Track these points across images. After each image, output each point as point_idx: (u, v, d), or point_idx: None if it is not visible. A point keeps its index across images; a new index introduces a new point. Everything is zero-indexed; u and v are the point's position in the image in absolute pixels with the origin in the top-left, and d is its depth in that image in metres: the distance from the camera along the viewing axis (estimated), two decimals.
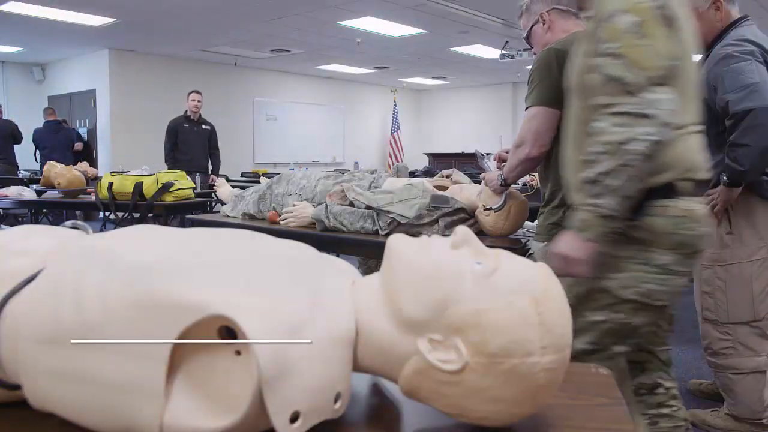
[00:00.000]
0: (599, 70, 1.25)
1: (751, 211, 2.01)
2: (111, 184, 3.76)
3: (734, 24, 2.04)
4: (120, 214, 3.82)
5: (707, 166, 1.36)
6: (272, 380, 0.52)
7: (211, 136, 6.75)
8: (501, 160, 2.22)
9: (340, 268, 0.70)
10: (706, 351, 2.16)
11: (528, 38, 1.99)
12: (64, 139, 8.19)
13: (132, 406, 0.53)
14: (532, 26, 1.94)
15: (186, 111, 6.67)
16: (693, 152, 1.34)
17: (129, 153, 9.23)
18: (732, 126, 1.86)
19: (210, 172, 6.66)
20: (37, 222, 7.36)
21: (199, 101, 6.65)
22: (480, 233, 2.43)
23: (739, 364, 2.06)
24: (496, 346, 0.56)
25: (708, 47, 2.06)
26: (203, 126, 6.72)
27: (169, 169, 6.12)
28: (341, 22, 7.35)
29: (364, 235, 2.39)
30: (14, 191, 4.32)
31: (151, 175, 3.78)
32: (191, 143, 6.61)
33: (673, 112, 1.24)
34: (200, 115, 6.71)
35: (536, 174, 3.23)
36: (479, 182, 2.57)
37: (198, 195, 4.49)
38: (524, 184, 3.24)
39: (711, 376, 2.37)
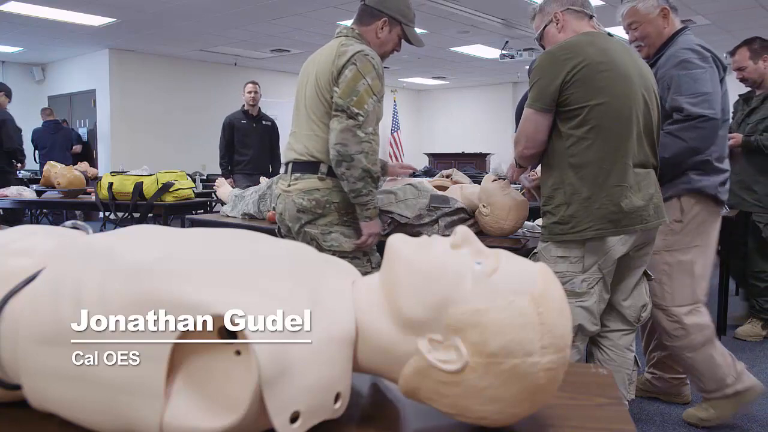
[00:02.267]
0: None
1: (696, 201, 2.20)
2: (111, 184, 3.76)
3: (680, 31, 2.25)
4: (120, 214, 3.82)
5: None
6: (272, 380, 0.52)
7: (272, 133, 5.73)
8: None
9: (341, 268, 0.70)
10: (662, 336, 2.29)
11: (541, 39, 2.03)
12: (64, 139, 8.19)
13: (132, 406, 0.53)
14: (545, 26, 1.96)
15: (243, 105, 5.62)
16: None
17: (129, 153, 9.23)
18: (681, 120, 2.05)
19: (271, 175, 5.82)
20: (37, 222, 7.36)
21: (256, 92, 5.58)
22: (480, 233, 2.43)
23: (690, 342, 2.18)
24: (496, 346, 0.56)
25: (657, 51, 2.28)
26: (264, 122, 5.67)
27: (223, 174, 5.45)
28: (341, 22, 7.35)
29: None
30: (14, 191, 4.32)
31: (151, 175, 3.78)
32: (251, 142, 5.57)
33: None
34: (259, 109, 5.67)
35: (537, 172, 3.23)
36: (479, 182, 2.58)
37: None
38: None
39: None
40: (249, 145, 5.57)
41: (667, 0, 2.28)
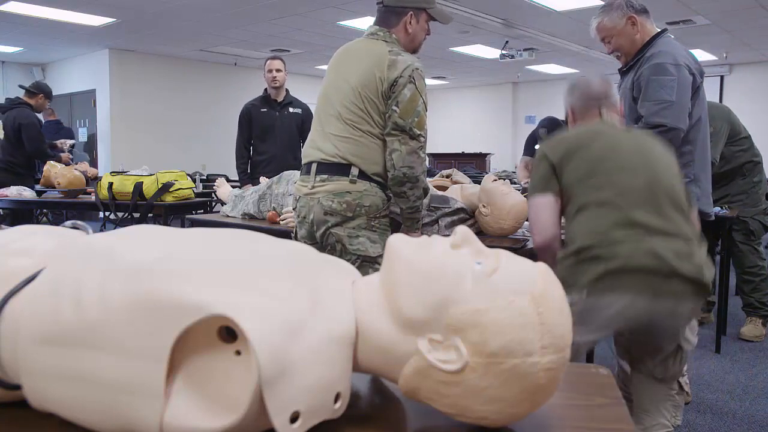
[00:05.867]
0: None
1: None
2: (111, 184, 3.76)
3: (659, 35, 2.32)
4: (120, 214, 3.82)
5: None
6: (272, 380, 0.52)
7: (303, 124, 4.27)
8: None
9: (341, 268, 0.70)
10: None
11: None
12: (64, 135, 8.19)
13: (132, 406, 0.53)
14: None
15: (265, 89, 4.39)
16: None
17: (129, 153, 9.23)
18: (641, 128, 2.09)
19: None
20: (37, 222, 7.36)
21: (278, 70, 4.24)
22: (480, 233, 2.43)
23: None
24: (496, 346, 0.56)
25: (635, 56, 2.35)
26: (291, 109, 4.34)
27: (241, 179, 4.37)
28: (341, 22, 7.35)
29: None
30: (14, 191, 4.32)
31: (151, 175, 3.78)
32: (273, 135, 4.27)
33: None
34: (287, 92, 4.38)
35: None
36: (479, 182, 2.58)
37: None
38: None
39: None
40: (269, 140, 4.28)
41: (633, 6, 2.32)
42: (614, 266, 1.49)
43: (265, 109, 4.30)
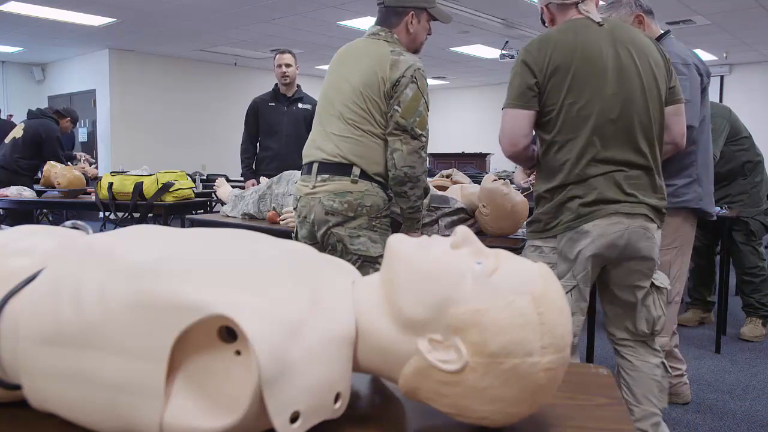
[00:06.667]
0: None
1: (675, 214, 2.24)
2: (111, 184, 3.76)
3: (663, 35, 2.32)
4: (120, 214, 3.82)
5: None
6: (272, 380, 0.52)
7: (311, 121, 4.07)
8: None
9: (341, 268, 0.70)
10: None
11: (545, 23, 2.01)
12: (65, 140, 8.18)
13: (132, 406, 0.53)
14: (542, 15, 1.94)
15: (275, 84, 4.31)
16: None
17: (129, 153, 9.23)
18: None
19: None
20: (37, 222, 7.35)
21: (287, 65, 4.15)
22: (480, 233, 2.43)
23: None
24: (496, 346, 0.56)
25: None
26: (300, 105, 4.22)
27: (244, 174, 4.26)
28: (341, 22, 7.35)
29: None
30: (14, 191, 4.32)
31: (151, 175, 3.78)
32: (279, 130, 4.16)
33: None
34: (298, 88, 4.27)
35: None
36: (479, 182, 2.58)
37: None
38: (531, 184, 3.25)
39: None
40: (275, 135, 4.16)
41: (641, 6, 2.31)
42: (589, 199, 1.69)
43: (273, 104, 4.22)
